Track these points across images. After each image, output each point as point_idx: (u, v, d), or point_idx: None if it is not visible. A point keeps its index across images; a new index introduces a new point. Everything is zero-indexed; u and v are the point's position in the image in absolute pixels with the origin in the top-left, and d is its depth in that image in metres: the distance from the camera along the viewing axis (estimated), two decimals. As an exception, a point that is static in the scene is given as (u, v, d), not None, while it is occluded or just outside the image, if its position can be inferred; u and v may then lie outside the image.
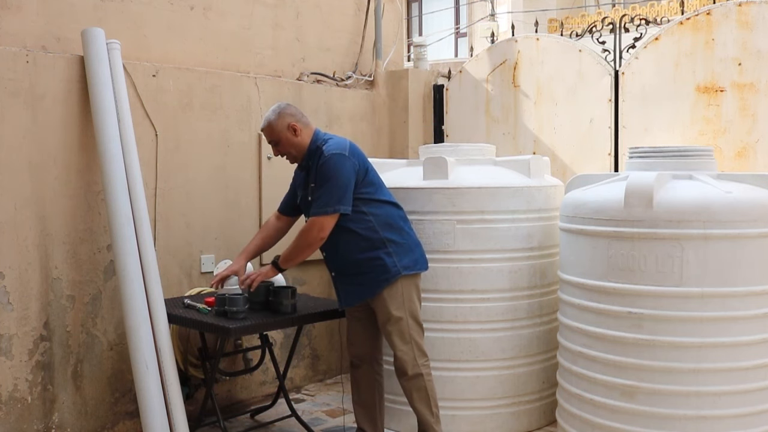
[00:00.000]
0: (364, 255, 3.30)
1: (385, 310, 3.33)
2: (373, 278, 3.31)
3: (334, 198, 3.21)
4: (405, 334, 3.34)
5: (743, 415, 3.12)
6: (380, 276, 3.30)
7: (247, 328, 3.41)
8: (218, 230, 4.27)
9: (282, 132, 3.36)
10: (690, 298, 3.09)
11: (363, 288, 3.35)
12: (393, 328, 3.33)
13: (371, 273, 3.31)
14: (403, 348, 3.33)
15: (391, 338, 3.35)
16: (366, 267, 3.31)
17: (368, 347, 3.57)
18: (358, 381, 3.61)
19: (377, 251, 3.30)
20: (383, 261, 3.30)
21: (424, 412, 3.37)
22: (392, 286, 3.31)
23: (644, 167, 3.39)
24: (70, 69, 3.61)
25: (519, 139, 4.80)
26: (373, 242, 3.31)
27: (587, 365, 3.36)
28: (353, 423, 3.96)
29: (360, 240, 3.30)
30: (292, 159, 3.44)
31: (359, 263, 3.32)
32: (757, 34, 3.86)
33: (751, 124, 3.90)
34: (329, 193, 3.22)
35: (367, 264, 3.31)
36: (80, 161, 3.65)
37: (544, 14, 11.14)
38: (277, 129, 3.36)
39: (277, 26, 4.72)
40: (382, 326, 3.38)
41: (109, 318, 3.78)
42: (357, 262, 3.32)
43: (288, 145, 3.37)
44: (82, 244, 3.67)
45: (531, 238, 3.87)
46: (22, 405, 3.47)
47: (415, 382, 3.35)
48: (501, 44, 4.92)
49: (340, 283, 3.44)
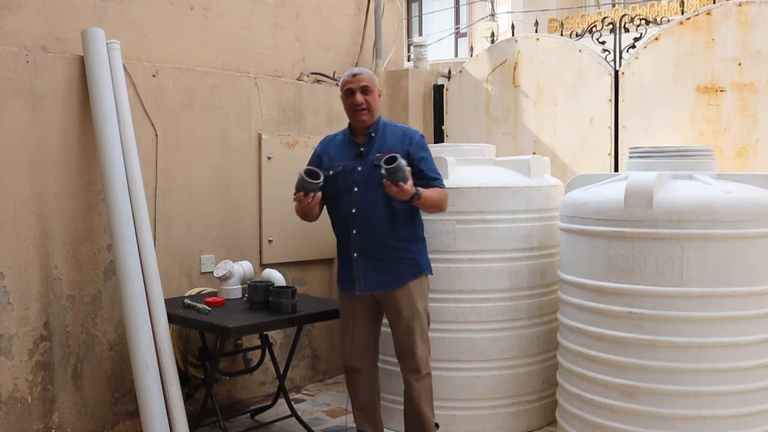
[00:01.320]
0: (402, 244, 3.25)
1: (411, 303, 3.26)
2: (401, 269, 3.25)
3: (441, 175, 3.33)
4: (425, 332, 3.33)
5: (743, 415, 3.12)
6: (409, 269, 3.27)
7: (247, 328, 3.41)
8: (218, 230, 4.27)
9: (376, 88, 3.33)
10: (690, 298, 3.09)
11: (389, 277, 3.24)
12: (416, 325, 3.28)
13: (401, 264, 3.25)
14: (421, 346, 3.31)
15: (413, 336, 3.28)
16: (398, 256, 3.25)
17: (371, 349, 3.46)
18: (357, 386, 3.49)
19: (413, 245, 3.30)
20: (415, 256, 3.29)
21: (427, 413, 3.36)
22: (418, 281, 3.30)
23: (644, 167, 3.39)
24: (70, 69, 3.61)
25: (519, 139, 4.80)
26: (414, 235, 3.31)
27: (587, 365, 3.36)
28: (353, 423, 3.96)
29: (406, 229, 3.27)
30: (365, 115, 3.27)
31: (394, 250, 3.24)
32: (757, 34, 3.86)
33: (751, 124, 3.90)
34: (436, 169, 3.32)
35: (401, 254, 3.25)
36: (80, 161, 3.65)
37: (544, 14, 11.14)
38: (375, 84, 3.33)
39: (277, 26, 4.72)
40: (407, 322, 3.27)
41: (109, 318, 3.78)
42: (392, 249, 3.23)
43: (375, 101, 3.31)
44: (82, 244, 3.67)
45: (531, 238, 3.87)
46: (22, 405, 3.48)
47: (424, 382, 3.34)
48: (501, 44, 4.92)
49: (362, 266, 3.25)
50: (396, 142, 3.30)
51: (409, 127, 3.44)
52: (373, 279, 3.25)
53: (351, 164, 3.29)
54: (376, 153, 3.24)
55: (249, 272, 4.04)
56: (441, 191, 3.27)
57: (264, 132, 4.49)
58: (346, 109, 3.34)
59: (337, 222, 3.35)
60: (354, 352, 3.42)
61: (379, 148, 3.25)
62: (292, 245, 4.64)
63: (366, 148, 3.29)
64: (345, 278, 3.35)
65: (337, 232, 3.36)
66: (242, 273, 4.00)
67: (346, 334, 3.43)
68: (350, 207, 3.24)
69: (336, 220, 3.35)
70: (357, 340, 3.41)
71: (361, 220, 3.23)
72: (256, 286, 3.70)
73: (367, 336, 3.42)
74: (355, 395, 3.50)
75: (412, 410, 3.38)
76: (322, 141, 3.48)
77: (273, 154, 4.50)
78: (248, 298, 3.74)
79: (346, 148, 3.34)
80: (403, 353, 3.33)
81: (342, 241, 3.33)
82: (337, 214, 3.33)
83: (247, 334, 4.01)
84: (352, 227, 3.24)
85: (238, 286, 3.96)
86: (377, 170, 3.11)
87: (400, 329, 3.31)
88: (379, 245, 3.23)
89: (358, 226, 3.23)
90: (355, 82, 3.28)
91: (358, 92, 3.26)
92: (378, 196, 3.19)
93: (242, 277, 4.00)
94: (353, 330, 3.41)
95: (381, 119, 3.38)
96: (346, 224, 3.27)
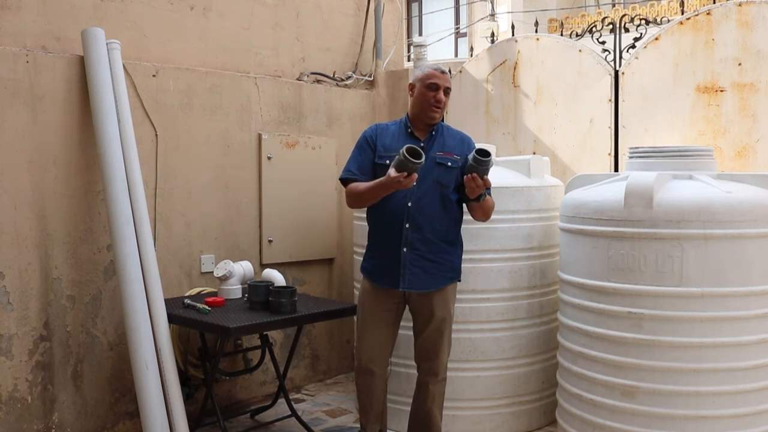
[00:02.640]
0: (446, 246, 3.22)
1: (445, 307, 3.23)
2: (443, 272, 3.21)
3: None
4: (450, 337, 3.30)
5: (743, 415, 3.12)
6: (449, 272, 3.24)
7: (247, 328, 3.41)
8: (218, 230, 4.27)
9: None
10: (690, 298, 3.09)
11: (433, 278, 3.18)
12: (446, 329, 3.24)
13: (444, 266, 3.21)
14: (445, 351, 3.28)
15: (442, 340, 3.24)
16: (442, 258, 3.21)
17: (388, 351, 3.35)
18: (371, 389, 3.32)
19: (455, 248, 3.27)
20: (454, 259, 3.26)
21: (437, 417, 3.34)
22: (453, 286, 3.28)
23: (644, 167, 3.39)
24: (70, 69, 3.61)
25: (519, 139, 4.80)
26: (457, 239, 3.28)
27: (587, 365, 3.36)
28: (354, 423, 3.97)
29: (452, 231, 3.24)
30: (438, 114, 3.21)
31: (440, 251, 3.19)
32: (757, 34, 3.86)
33: (751, 124, 3.90)
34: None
35: (445, 256, 3.21)
36: (80, 161, 3.65)
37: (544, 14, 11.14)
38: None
39: (277, 26, 4.72)
40: (438, 325, 3.21)
41: (109, 318, 3.78)
42: (438, 249, 3.18)
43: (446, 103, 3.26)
44: (82, 244, 3.67)
45: (531, 238, 3.87)
46: (22, 405, 3.48)
47: (440, 386, 3.32)
48: (501, 44, 4.91)
49: (410, 262, 3.15)
50: (456, 144, 3.25)
51: (466, 133, 3.36)
52: (419, 277, 3.17)
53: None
54: (437, 151, 3.19)
55: (249, 272, 4.04)
56: (492, 201, 3.27)
57: (264, 132, 4.49)
58: (420, 101, 3.20)
59: (386, 213, 3.18)
60: (373, 354, 3.29)
61: (440, 147, 3.19)
62: (292, 245, 4.64)
63: (427, 144, 3.21)
64: (382, 273, 3.22)
65: (382, 224, 3.21)
66: (242, 273, 4.00)
67: (367, 332, 3.29)
68: (406, 200, 3.13)
69: (385, 212, 3.18)
70: (378, 340, 3.29)
71: (416, 215, 3.13)
72: (256, 286, 3.70)
73: (387, 336, 3.31)
74: (368, 398, 3.34)
75: (422, 413, 3.34)
76: (371, 128, 3.33)
77: (273, 154, 4.50)
78: (248, 298, 3.74)
79: (406, 139, 3.19)
80: (428, 355, 3.27)
81: (389, 233, 3.18)
82: (389, 205, 3.16)
83: (247, 334, 4.00)
84: (406, 221, 3.14)
85: (238, 286, 3.96)
86: (437, 168, 3.12)
87: (430, 331, 3.24)
88: (430, 243, 3.16)
89: (411, 220, 3.14)
90: (443, 79, 3.19)
91: (442, 90, 3.18)
92: (435, 193, 3.16)
93: (242, 277, 4.00)
94: (374, 329, 3.28)
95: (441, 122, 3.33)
96: (399, 217, 3.15)
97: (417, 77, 3.23)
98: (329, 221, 4.86)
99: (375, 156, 3.21)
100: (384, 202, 3.15)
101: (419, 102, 3.20)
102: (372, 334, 3.28)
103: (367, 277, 3.31)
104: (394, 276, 3.18)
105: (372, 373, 3.30)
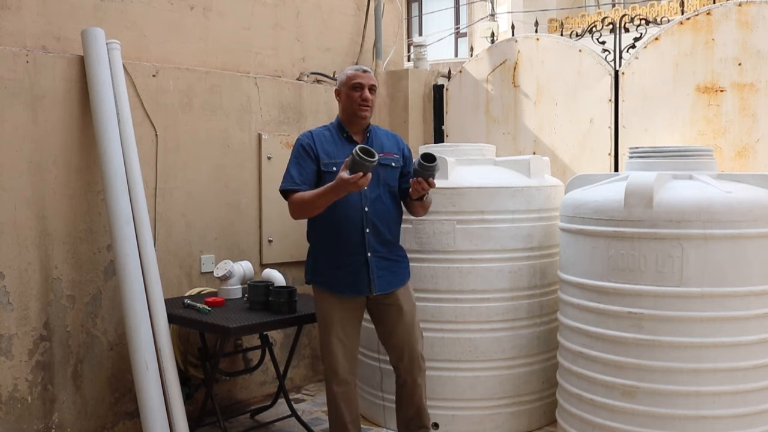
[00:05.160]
0: (398, 242, 3.31)
1: (411, 300, 3.31)
2: (402, 268, 3.31)
3: None
4: (420, 328, 3.36)
5: (743, 415, 3.12)
6: (406, 267, 3.34)
7: (247, 328, 3.41)
8: (218, 230, 4.27)
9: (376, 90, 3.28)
10: (690, 298, 3.09)
11: (395, 276, 3.25)
12: (415, 320, 3.30)
13: (401, 263, 3.31)
14: (420, 341, 3.33)
15: (415, 333, 3.29)
16: (400, 255, 3.31)
17: (357, 358, 3.30)
18: (350, 399, 3.23)
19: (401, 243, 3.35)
20: (405, 254, 3.36)
21: (425, 407, 3.36)
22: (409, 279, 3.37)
23: (644, 167, 3.38)
24: (70, 69, 3.61)
25: (519, 139, 4.80)
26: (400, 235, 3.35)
27: (587, 365, 3.36)
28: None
29: (399, 229, 3.31)
30: (368, 112, 3.20)
31: (397, 249, 3.29)
32: (757, 34, 3.86)
33: (751, 124, 3.90)
34: None
35: (400, 252, 3.32)
36: (80, 161, 3.65)
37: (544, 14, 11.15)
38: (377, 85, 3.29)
39: (277, 26, 4.72)
40: (410, 317, 3.27)
41: (109, 318, 3.78)
42: (395, 247, 3.28)
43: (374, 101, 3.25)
44: (82, 244, 3.67)
45: (531, 238, 3.87)
46: (22, 405, 3.48)
47: (423, 377, 3.35)
48: (501, 44, 4.92)
49: (376, 266, 3.16)
50: (392, 144, 3.31)
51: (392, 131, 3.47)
52: (385, 279, 3.20)
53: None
54: (378, 153, 3.12)
55: (249, 272, 4.04)
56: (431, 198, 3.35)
57: (264, 132, 4.49)
58: (348, 103, 3.18)
59: (342, 221, 3.12)
60: (347, 364, 3.20)
61: (379, 149, 3.15)
62: (292, 245, 4.64)
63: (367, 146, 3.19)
64: (347, 281, 3.16)
65: (339, 232, 3.14)
66: (242, 273, 4.00)
67: (340, 344, 3.18)
68: (361, 205, 3.13)
69: (341, 219, 3.12)
70: (350, 349, 3.22)
71: (374, 218, 3.15)
72: (256, 286, 3.70)
73: (357, 344, 3.28)
74: (348, 410, 3.22)
75: (413, 407, 3.33)
76: (306, 135, 3.22)
77: (273, 154, 4.50)
78: (248, 298, 3.74)
79: (345, 145, 3.18)
80: (406, 350, 3.27)
81: (348, 240, 3.14)
82: (344, 212, 3.11)
83: (247, 334, 4.01)
84: (365, 226, 3.13)
85: (238, 286, 3.96)
86: (382, 169, 3.13)
87: (403, 326, 3.25)
88: (389, 244, 3.23)
89: (371, 224, 3.14)
90: (366, 78, 3.18)
91: (367, 88, 3.17)
92: (386, 195, 3.20)
93: (242, 277, 4.00)
94: (346, 339, 3.20)
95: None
96: (357, 222, 3.12)
97: (341, 81, 3.22)
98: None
99: (318, 164, 3.14)
100: (337, 209, 3.08)
101: (348, 104, 3.19)
102: (344, 345, 3.19)
103: (327, 289, 3.20)
104: (361, 282, 3.15)
105: (347, 384, 3.22)
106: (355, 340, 3.25)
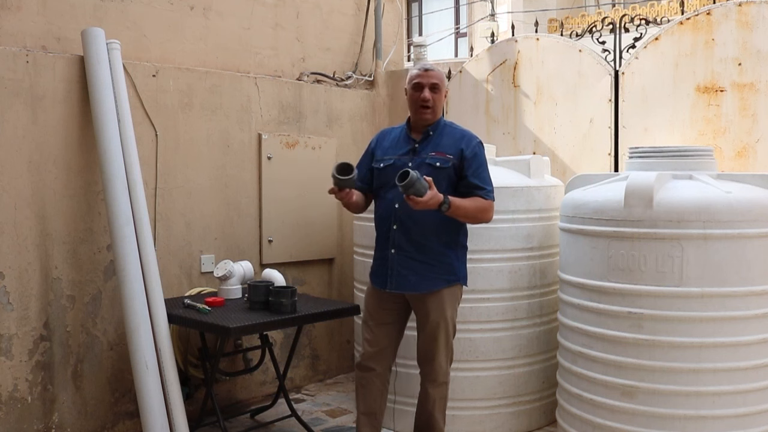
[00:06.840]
0: (440, 248, 3.17)
1: (441, 310, 3.18)
2: (436, 274, 3.17)
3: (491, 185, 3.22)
4: (449, 341, 3.26)
5: (743, 415, 3.12)
6: (444, 275, 3.18)
7: (247, 328, 3.41)
8: (218, 230, 4.27)
9: (444, 88, 3.27)
10: (690, 298, 3.09)
11: (423, 280, 3.16)
12: (441, 332, 3.19)
13: (437, 268, 3.17)
14: (443, 355, 3.24)
15: (437, 343, 3.20)
16: (435, 260, 3.16)
17: (389, 351, 3.33)
18: (369, 387, 3.31)
19: (451, 250, 3.21)
20: (452, 262, 3.20)
21: (439, 421, 3.32)
22: (451, 289, 3.22)
23: (644, 167, 3.39)
24: (70, 69, 3.61)
25: (519, 139, 4.80)
26: (454, 241, 3.22)
27: (587, 365, 3.36)
28: (353, 423, 3.96)
29: (446, 234, 3.18)
30: (429, 113, 3.22)
31: (432, 253, 3.16)
32: (757, 34, 3.86)
33: (751, 124, 3.90)
34: (489, 179, 3.23)
35: (438, 258, 3.17)
36: (80, 161, 3.65)
37: (544, 14, 11.14)
38: (444, 83, 3.27)
39: (277, 26, 4.72)
40: (432, 328, 3.19)
41: (109, 318, 3.78)
42: (430, 251, 3.16)
43: (440, 100, 3.25)
44: (82, 244, 3.67)
45: (531, 238, 3.87)
46: (22, 405, 3.48)
47: (440, 390, 3.29)
48: (501, 44, 4.91)
49: (397, 263, 3.17)
50: (451, 142, 3.22)
51: (471, 132, 3.32)
52: (407, 279, 3.17)
53: (403, 159, 3.22)
54: (430, 152, 3.19)
55: (249, 272, 4.04)
56: (480, 202, 3.15)
57: (264, 132, 4.49)
58: (410, 104, 3.25)
59: (378, 215, 3.27)
60: (372, 351, 3.30)
61: (434, 147, 3.19)
62: (292, 245, 4.64)
63: (421, 145, 3.23)
64: (377, 273, 3.27)
65: (376, 227, 3.28)
66: (242, 273, 4.00)
67: (367, 330, 3.32)
68: (394, 202, 3.16)
69: (378, 214, 3.27)
70: (377, 339, 3.30)
71: (403, 217, 3.14)
72: (256, 286, 3.70)
73: (387, 336, 3.31)
74: (363, 398, 3.33)
75: (424, 417, 3.33)
76: (379, 133, 3.44)
77: (273, 154, 4.50)
78: (248, 298, 3.74)
79: (401, 142, 3.27)
80: (424, 359, 3.27)
81: (381, 235, 3.25)
82: (381, 207, 3.26)
83: (247, 334, 4.00)
84: (393, 222, 3.17)
85: (238, 286, 3.96)
86: (425, 168, 3.11)
87: (425, 334, 3.24)
88: (418, 245, 3.15)
89: (399, 222, 3.16)
90: (426, 77, 3.21)
91: (427, 88, 3.19)
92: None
93: (242, 277, 4.00)
94: (375, 328, 3.30)
95: (443, 119, 3.32)
96: (388, 218, 3.20)
97: (407, 81, 3.31)
98: (329, 221, 4.86)
99: (374, 161, 3.31)
100: (377, 204, 3.30)
101: (410, 105, 3.28)
102: (371, 332, 3.31)
103: (369, 276, 3.37)
104: (383, 277, 3.24)
105: (370, 370, 3.30)
106: (383, 331, 3.29)
